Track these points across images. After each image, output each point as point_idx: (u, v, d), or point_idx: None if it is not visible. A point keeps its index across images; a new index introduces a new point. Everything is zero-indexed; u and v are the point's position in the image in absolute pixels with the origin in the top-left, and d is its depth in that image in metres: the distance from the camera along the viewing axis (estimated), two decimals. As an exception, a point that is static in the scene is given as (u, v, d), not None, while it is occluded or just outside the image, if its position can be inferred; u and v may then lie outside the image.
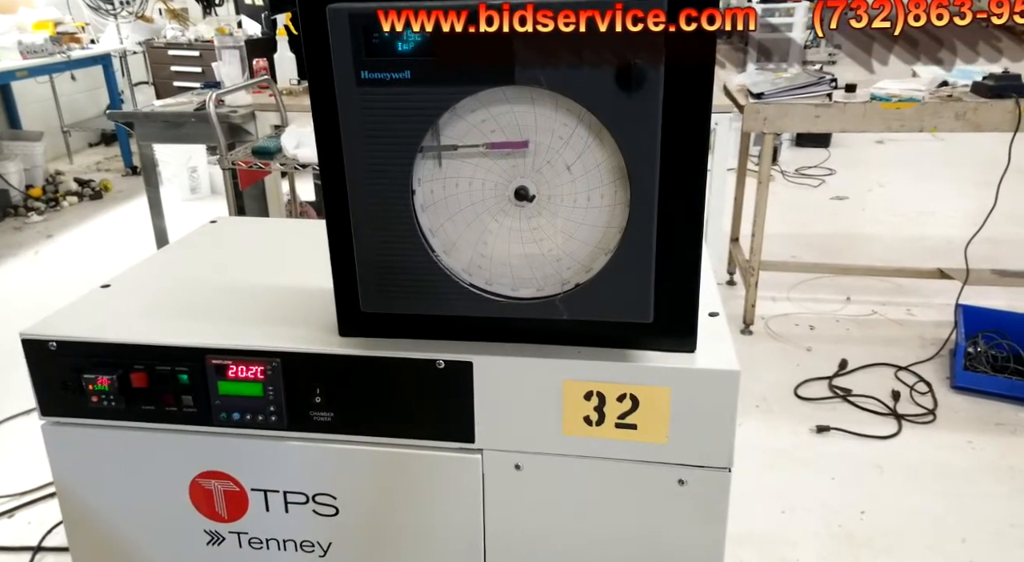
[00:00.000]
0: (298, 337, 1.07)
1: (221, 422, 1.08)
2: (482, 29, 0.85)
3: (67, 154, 6.47)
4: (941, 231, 4.39)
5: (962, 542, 2.11)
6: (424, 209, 0.98)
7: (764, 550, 2.10)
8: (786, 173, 5.61)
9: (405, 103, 0.91)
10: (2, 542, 2.19)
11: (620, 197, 0.93)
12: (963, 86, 3.01)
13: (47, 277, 4.14)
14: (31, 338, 1.09)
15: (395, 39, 0.88)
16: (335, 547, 1.15)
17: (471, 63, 0.89)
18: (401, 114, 0.92)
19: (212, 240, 1.51)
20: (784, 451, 2.53)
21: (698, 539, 1.06)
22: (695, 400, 0.99)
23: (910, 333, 3.27)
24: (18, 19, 5.32)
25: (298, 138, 2.93)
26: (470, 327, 1.03)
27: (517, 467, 1.07)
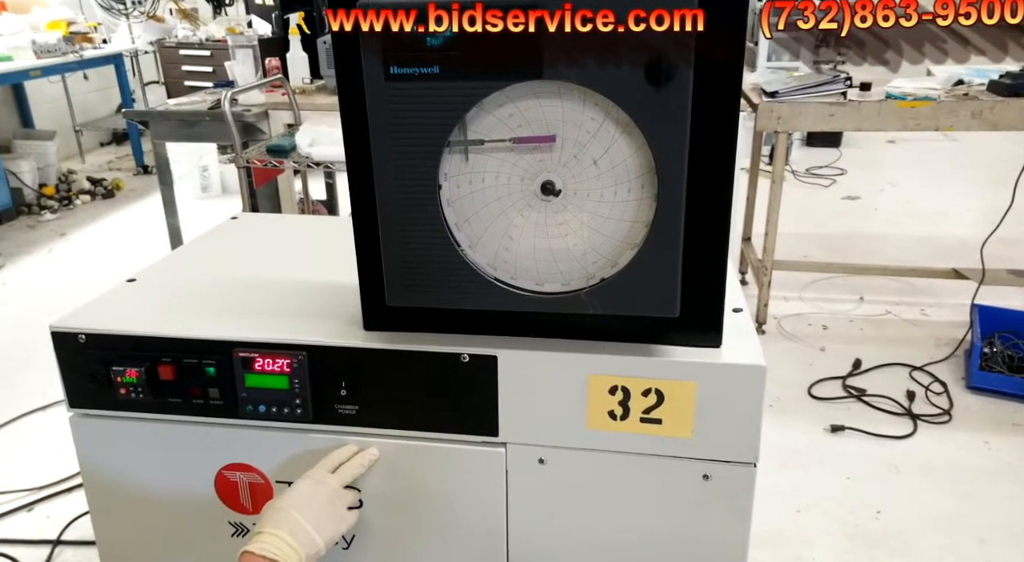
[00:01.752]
0: (324, 331, 1.08)
1: (247, 415, 1.09)
2: (511, 29, 0.86)
3: (79, 153, 6.50)
4: (954, 231, 4.38)
5: (980, 543, 2.10)
6: (450, 203, 0.98)
7: (779, 550, 2.10)
8: (797, 173, 5.60)
9: (433, 98, 0.92)
10: (21, 536, 2.21)
11: (647, 191, 0.94)
12: (979, 85, 3.00)
13: (61, 275, 4.17)
14: (60, 330, 1.10)
15: (424, 34, 0.89)
16: (358, 540, 1.15)
17: (500, 58, 0.89)
18: (429, 109, 0.92)
19: (234, 236, 1.52)
20: (798, 451, 2.52)
21: (722, 534, 1.06)
22: (721, 395, 1.00)
23: (924, 333, 3.27)
24: (31, 19, 5.34)
25: (312, 136, 2.94)
26: (495, 321, 1.03)
27: (541, 461, 1.08)
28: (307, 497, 1.01)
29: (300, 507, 1.00)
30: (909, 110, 2.88)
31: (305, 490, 1.02)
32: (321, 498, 1.02)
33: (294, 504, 1.00)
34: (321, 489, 1.03)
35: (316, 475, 1.05)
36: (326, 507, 1.02)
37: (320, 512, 1.00)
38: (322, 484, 1.04)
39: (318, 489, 1.03)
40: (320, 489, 1.03)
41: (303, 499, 1.01)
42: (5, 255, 4.38)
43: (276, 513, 0.99)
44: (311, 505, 1.00)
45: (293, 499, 1.01)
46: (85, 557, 2.12)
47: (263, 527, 0.97)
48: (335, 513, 1.03)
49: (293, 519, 0.98)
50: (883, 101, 2.91)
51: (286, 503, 1.00)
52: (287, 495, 1.01)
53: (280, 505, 1.00)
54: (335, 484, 1.04)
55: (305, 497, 1.01)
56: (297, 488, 1.03)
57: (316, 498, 1.02)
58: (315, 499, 1.01)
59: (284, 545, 0.95)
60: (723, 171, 0.91)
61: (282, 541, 0.95)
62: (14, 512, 2.31)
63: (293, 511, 0.99)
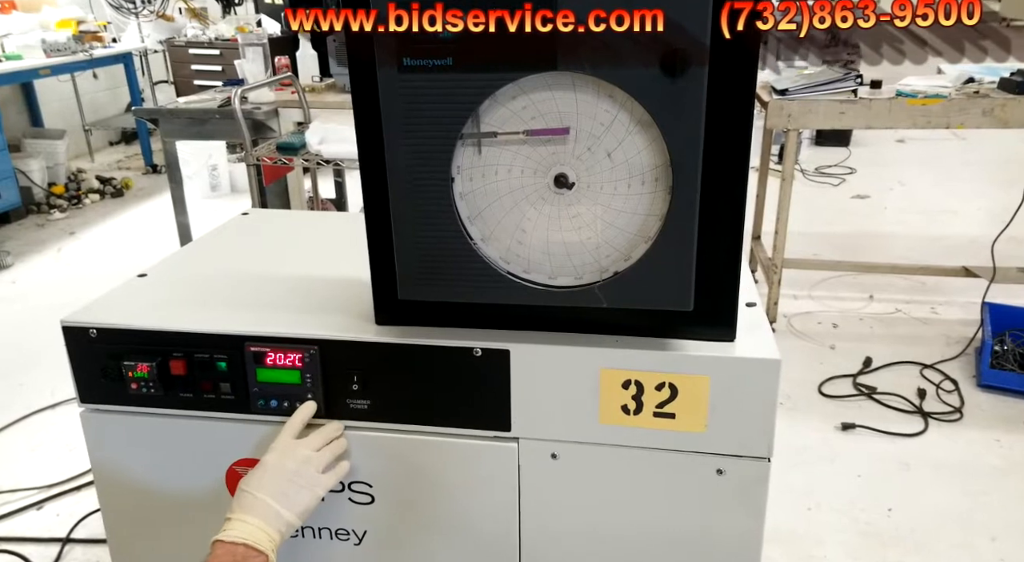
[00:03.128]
0: (335, 325, 1.08)
1: (259, 409, 1.09)
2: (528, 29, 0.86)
3: (88, 152, 6.52)
4: (964, 230, 4.35)
5: (992, 541, 2.09)
6: (463, 197, 0.98)
7: (791, 547, 2.09)
8: (806, 172, 5.59)
9: (446, 90, 0.91)
10: (31, 534, 2.21)
11: (661, 184, 0.93)
12: (990, 82, 2.98)
13: (71, 274, 4.18)
14: (72, 325, 1.10)
15: (437, 25, 0.88)
16: (370, 535, 1.15)
17: (513, 49, 0.88)
18: (442, 101, 0.92)
19: (244, 231, 1.52)
20: (809, 448, 2.51)
21: (736, 530, 1.06)
22: (735, 389, 0.99)
23: (935, 331, 3.25)
24: (41, 18, 5.37)
25: (322, 134, 2.94)
26: (507, 315, 1.03)
27: (553, 456, 1.07)
28: (272, 474, 1.00)
29: (265, 486, 0.99)
30: (920, 108, 2.87)
31: (270, 465, 1.01)
32: (287, 471, 1.01)
33: (259, 485, 0.99)
34: (286, 461, 1.01)
35: (279, 446, 1.03)
36: (293, 479, 1.00)
37: (287, 487, 1.00)
38: (286, 455, 1.02)
39: (283, 462, 1.01)
40: (284, 461, 1.01)
41: (268, 477, 1.00)
42: (15, 254, 4.40)
43: (242, 496, 0.99)
44: (276, 482, 1.00)
45: (258, 479, 1.00)
46: (95, 555, 2.13)
47: (232, 512, 0.98)
48: (305, 483, 1.01)
49: (260, 501, 0.98)
50: (894, 99, 2.90)
51: (251, 484, 0.99)
52: (253, 474, 1.01)
53: (245, 487, 0.99)
54: (303, 452, 1.03)
55: (271, 475, 1.00)
56: (262, 465, 1.02)
57: (281, 473, 1.00)
58: (280, 474, 1.00)
59: (253, 529, 0.95)
60: (738, 162, 0.91)
61: (250, 525, 0.96)
62: (24, 510, 2.32)
63: (259, 492, 0.98)
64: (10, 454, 2.59)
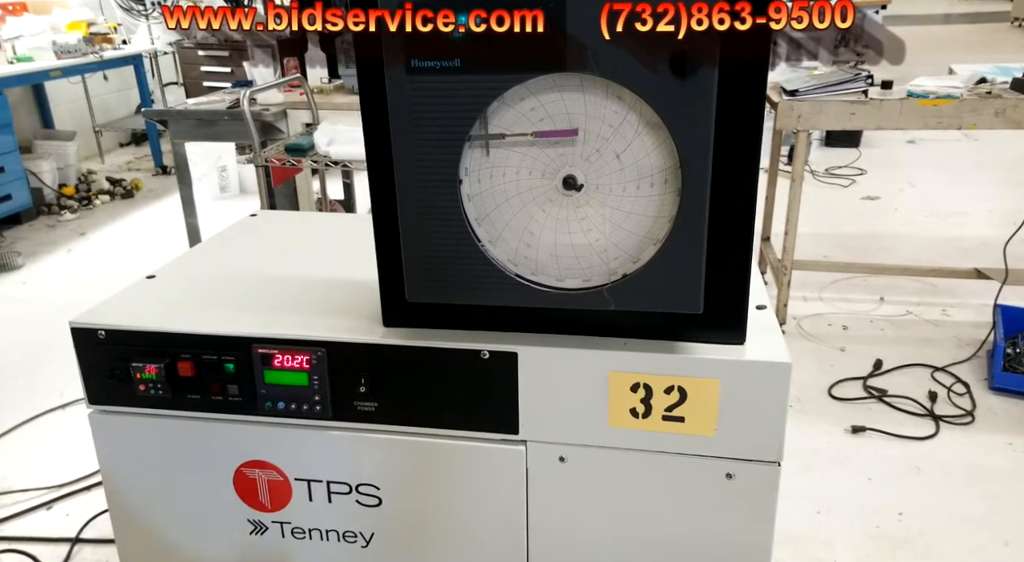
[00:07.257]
0: (343, 327, 1.07)
1: (266, 411, 1.09)
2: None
3: (99, 153, 6.54)
4: (975, 231, 4.32)
5: (1004, 545, 2.07)
6: (471, 198, 0.97)
7: (800, 550, 2.08)
8: (816, 173, 5.56)
9: (454, 91, 0.91)
10: (41, 534, 2.22)
11: (671, 186, 0.93)
12: (1002, 83, 2.96)
13: (81, 275, 4.19)
14: (80, 327, 1.10)
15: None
16: (377, 537, 1.15)
17: (521, 51, 0.88)
18: (450, 102, 0.92)
19: (252, 233, 1.52)
20: (819, 451, 2.50)
21: (746, 534, 1.05)
22: (745, 393, 0.98)
23: (946, 334, 3.23)
24: (52, 20, 5.39)
25: (331, 135, 2.94)
26: (515, 318, 1.03)
27: (561, 459, 1.07)
28: None
29: None
30: (931, 108, 2.85)
31: None
32: None
33: None
34: None
35: None
36: None
37: None
38: None
39: None
40: None
41: None
42: (25, 255, 4.42)
43: None
44: None
45: None
46: (104, 555, 2.13)
47: None
48: None
49: None
50: (905, 99, 2.88)
51: None
52: None
53: None
54: None
55: None
56: None
57: None
58: None
59: None
60: (748, 164, 0.90)
61: None
62: (33, 510, 2.32)
63: None
64: (20, 454, 2.60)
